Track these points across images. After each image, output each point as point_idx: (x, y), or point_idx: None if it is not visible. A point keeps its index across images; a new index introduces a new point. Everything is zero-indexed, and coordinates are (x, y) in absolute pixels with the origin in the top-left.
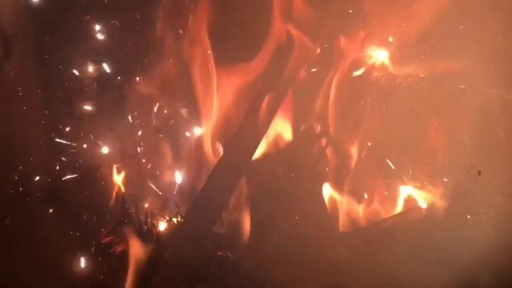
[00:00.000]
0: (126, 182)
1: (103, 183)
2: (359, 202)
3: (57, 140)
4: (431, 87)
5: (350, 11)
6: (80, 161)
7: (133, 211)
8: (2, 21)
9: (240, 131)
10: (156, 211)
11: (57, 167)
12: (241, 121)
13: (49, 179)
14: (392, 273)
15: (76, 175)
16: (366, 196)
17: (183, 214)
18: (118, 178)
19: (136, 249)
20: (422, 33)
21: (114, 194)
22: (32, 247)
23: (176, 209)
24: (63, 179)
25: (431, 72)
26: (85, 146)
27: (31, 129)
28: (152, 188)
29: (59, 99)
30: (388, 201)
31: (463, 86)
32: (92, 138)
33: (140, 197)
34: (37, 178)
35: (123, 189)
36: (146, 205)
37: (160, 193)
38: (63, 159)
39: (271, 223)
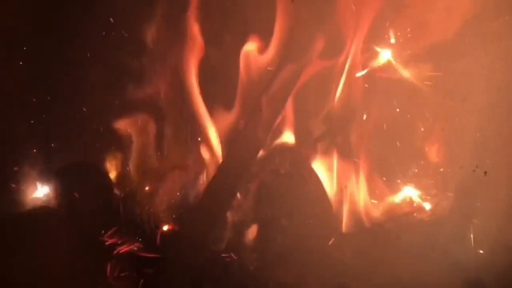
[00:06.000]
0: (130, 183)
1: (106, 183)
2: (364, 202)
3: (59, 139)
4: (437, 88)
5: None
6: (83, 161)
7: (137, 212)
8: (4, 24)
9: (244, 131)
10: (160, 212)
11: (59, 167)
12: (245, 121)
13: (52, 179)
14: (397, 273)
15: (79, 175)
16: (370, 196)
17: (187, 215)
18: (122, 179)
19: (140, 250)
20: (428, 34)
21: (118, 195)
22: (35, 248)
23: (180, 210)
24: (66, 179)
25: (436, 73)
26: (86, 146)
27: (32, 129)
28: (156, 189)
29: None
30: (392, 202)
31: (469, 87)
32: (95, 138)
33: (144, 198)
34: (39, 178)
35: (126, 191)
36: (150, 206)
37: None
38: (65, 158)
39: (275, 224)
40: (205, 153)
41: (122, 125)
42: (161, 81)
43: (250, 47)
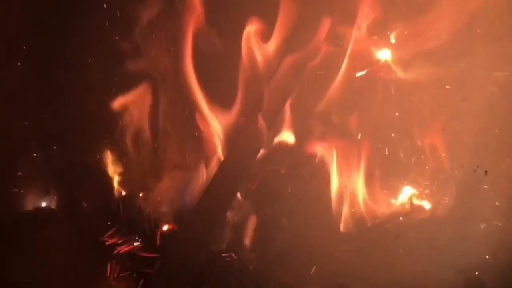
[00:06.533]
0: (131, 183)
1: (107, 184)
2: (364, 202)
3: (59, 140)
4: (437, 87)
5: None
6: (83, 161)
7: (137, 212)
8: (5, 23)
9: (244, 131)
10: (160, 212)
11: (60, 168)
12: (246, 120)
13: (52, 180)
14: (397, 274)
15: (80, 175)
16: (370, 196)
17: (187, 215)
18: (122, 179)
19: (140, 250)
20: (428, 34)
21: (118, 195)
22: (35, 248)
23: (180, 210)
24: (67, 179)
25: (437, 72)
26: (88, 146)
27: (33, 129)
28: (156, 189)
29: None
30: (392, 202)
31: (469, 86)
32: (96, 138)
33: (144, 198)
34: (40, 178)
35: (126, 190)
36: (150, 206)
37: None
38: (66, 159)
39: (275, 223)
40: (205, 153)
41: (122, 123)
42: (161, 75)
43: (252, 39)
